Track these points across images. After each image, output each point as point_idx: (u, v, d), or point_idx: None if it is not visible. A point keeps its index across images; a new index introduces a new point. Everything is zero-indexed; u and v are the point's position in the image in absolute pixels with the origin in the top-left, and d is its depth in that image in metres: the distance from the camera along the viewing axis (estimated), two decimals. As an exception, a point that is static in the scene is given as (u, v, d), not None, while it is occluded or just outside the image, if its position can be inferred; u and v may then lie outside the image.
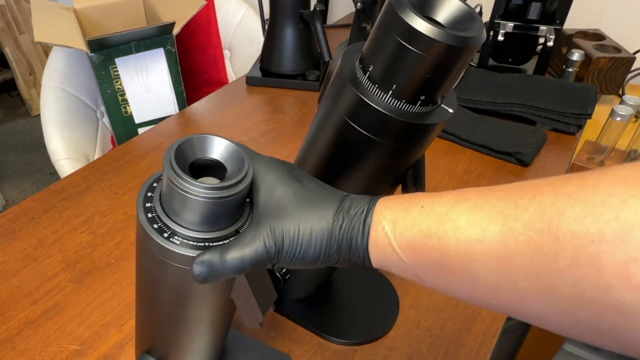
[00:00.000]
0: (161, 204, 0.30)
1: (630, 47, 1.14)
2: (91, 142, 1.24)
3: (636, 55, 1.12)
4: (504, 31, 1.02)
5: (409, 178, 0.41)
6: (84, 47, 1.06)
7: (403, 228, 0.27)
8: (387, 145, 0.35)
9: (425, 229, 0.26)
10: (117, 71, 1.13)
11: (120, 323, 0.57)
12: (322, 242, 0.30)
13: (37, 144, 2.40)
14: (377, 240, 0.29)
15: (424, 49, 0.29)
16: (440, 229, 0.26)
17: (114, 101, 1.16)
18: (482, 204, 0.25)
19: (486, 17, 1.07)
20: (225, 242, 0.30)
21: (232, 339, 0.52)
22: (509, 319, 0.63)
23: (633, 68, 1.14)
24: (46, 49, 2.45)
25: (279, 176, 0.31)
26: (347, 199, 0.31)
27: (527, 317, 0.24)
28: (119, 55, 1.11)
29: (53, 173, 2.21)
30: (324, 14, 1.46)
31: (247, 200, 0.33)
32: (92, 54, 1.08)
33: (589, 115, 0.92)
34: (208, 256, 0.29)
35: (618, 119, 0.90)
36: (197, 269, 0.29)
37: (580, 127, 0.94)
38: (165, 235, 0.30)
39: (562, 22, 1.00)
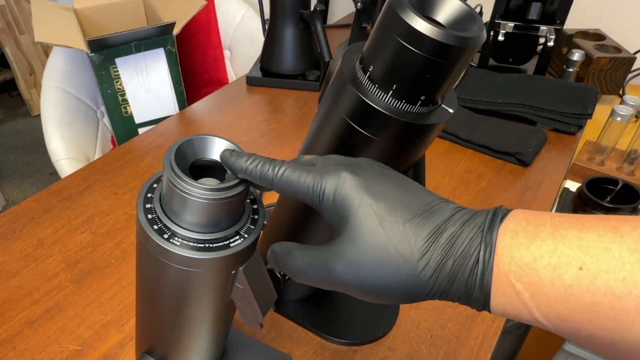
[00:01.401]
0: (161, 205, 0.30)
1: (630, 47, 1.14)
2: (91, 142, 1.24)
3: (636, 55, 1.12)
4: (504, 31, 1.02)
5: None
6: (84, 47, 1.06)
7: (552, 300, 0.22)
8: (387, 145, 0.35)
9: (589, 302, 0.21)
10: (117, 71, 1.13)
11: (121, 323, 0.57)
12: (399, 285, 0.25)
13: (37, 144, 2.40)
14: (506, 298, 0.23)
15: (424, 49, 0.29)
16: (613, 304, 0.20)
17: (114, 101, 1.17)
18: None
19: (486, 17, 1.07)
20: (225, 242, 0.30)
21: (232, 339, 0.52)
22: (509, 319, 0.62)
23: (633, 68, 1.14)
24: (46, 49, 2.46)
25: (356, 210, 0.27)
26: (445, 226, 0.25)
27: None
28: (119, 55, 1.11)
29: (53, 173, 2.21)
30: (324, 14, 1.46)
31: (247, 201, 0.33)
32: (92, 54, 1.08)
33: (589, 115, 0.92)
34: (279, 248, 0.30)
35: (618, 119, 0.90)
36: (270, 255, 0.30)
37: (580, 127, 0.94)
38: (165, 236, 0.30)
39: (562, 22, 1.00)
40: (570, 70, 1.05)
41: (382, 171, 0.29)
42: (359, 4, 1.09)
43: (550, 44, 1.00)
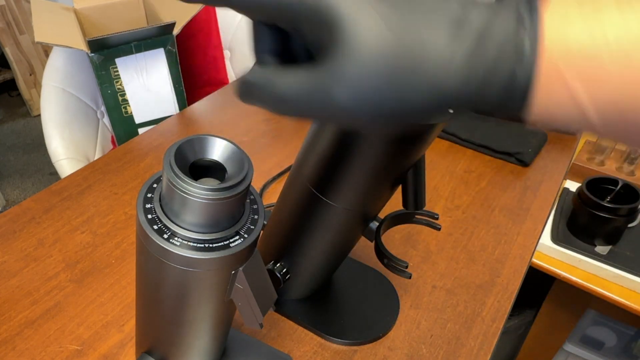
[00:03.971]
0: (161, 205, 0.30)
1: (630, 47, 1.14)
2: (91, 142, 1.24)
3: (636, 55, 1.12)
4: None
5: (409, 178, 0.41)
6: (84, 47, 1.06)
7: (607, 89, 0.18)
8: (387, 146, 0.35)
9: None
10: (117, 71, 1.13)
11: (121, 323, 0.57)
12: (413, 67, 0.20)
13: (37, 144, 2.41)
14: (550, 91, 0.19)
15: None
16: None
17: (114, 101, 1.17)
18: None
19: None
20: (225, 242, 0.30)
21: (232, 339, 0.52)
22: (509, 318, 0.63)
23: (633, 68, 1.14)
24: (46, 49, 2.46)
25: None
26: (469, 9, 0.20)
27: None
28: (119, 56, 1.11)
29: (53, 173, 2.21)
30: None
31: (247, 201, 0.33)
32: (92, 54, 1.08)
33: (589, 115, 0.92)
34: (253, 77, 0.24)
35: (618, 119, 0.89)
36: (241, 88, 0.24)
37: (580, 127, 0.94)
38: (165, 236, 0.30)
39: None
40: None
41: None
42: (359, 4, 1.09)
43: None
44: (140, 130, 1.22)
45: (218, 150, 0.30)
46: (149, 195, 0.31)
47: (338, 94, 0.21)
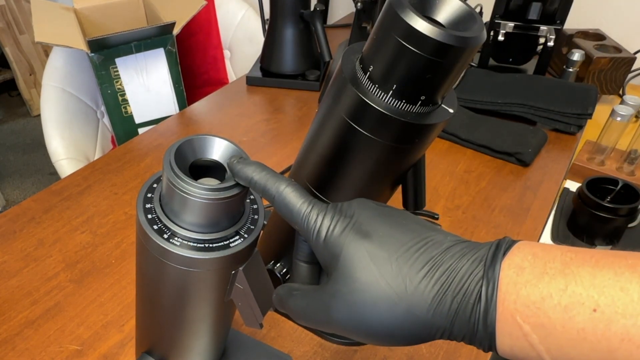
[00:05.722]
0: (161, 205, 0.30)
1: (630, 47, 1.14)
2: (91, 142, 1.24)
3: (636, 55, 1.12)
4: (504, 31, 1.02)
5: (409, 178, 0.41)
6: (84, 47, 1.06)
7: (563, 344, 0.20)
8: (387, 145, 0.35)
9: (604, 349, 0.19)
10: (117, 71, 1.13)
11: (121, 323, 0.57)
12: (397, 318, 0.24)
13: (37, 144, 2.40)
14: (513, 339, 0.22)
15: (424, 49, 0.29)
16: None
17: (114, 101, 1.16)
18: None
19: (486, 17, 1.07)
20: (225, 242, 0.30)
21: (232, 339, 0.52)
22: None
23: (633, 68, 1.14)
24: (46, 49, 2.46)
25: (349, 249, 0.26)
26: (442, 259, 0.24)
27: None
28: (119, 55, 1.11)
29: (53, 173, 2.21)
30: (324, 14, 1.46)
31: (247, 201, 0.33)
32: (93, 54, 1.07)
33: (590, 115, 0.92)
34: (282, 290, 0.30)
35: (618, 119, 0.89)
36: (274, 298, 0.31)
37: (580, 127, 0.94)
38: (165, 236, 0.30)
39: (562, 22, 1.00)
40: (570, 70, 1.05)
41: (375, 208, 0.28)
42: (359, 4, 1.09)
43: (550, 44, 1.00)
44: (140, 130, 1.22)
45: (218, 150, 0.30)
46: (149, 195, 0.31)
47: (335, 310, 0.26)
